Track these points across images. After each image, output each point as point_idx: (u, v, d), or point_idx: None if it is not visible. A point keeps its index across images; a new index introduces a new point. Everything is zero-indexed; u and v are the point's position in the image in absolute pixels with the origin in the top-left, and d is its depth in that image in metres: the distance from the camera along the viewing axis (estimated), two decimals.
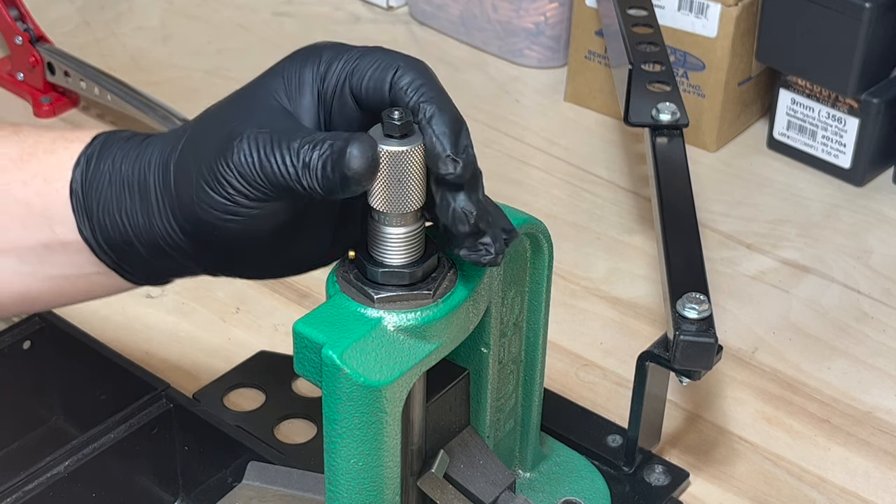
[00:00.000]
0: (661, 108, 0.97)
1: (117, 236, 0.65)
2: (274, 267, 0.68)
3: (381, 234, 0.62)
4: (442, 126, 0.60)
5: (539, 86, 1.20)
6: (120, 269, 0.66)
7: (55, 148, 0.66)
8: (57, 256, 0.66)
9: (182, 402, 0.81)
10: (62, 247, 0.66)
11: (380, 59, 0.62)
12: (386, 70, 0.62)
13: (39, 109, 1.15)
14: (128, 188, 0.64)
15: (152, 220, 0.64)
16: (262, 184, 0.60)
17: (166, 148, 0.64)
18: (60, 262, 0.66)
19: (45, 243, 0.66)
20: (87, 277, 0.67)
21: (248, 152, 0.60)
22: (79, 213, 0.65)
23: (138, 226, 0.64)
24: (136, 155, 0.65)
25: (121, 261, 0.66)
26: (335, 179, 0.59)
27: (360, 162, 0.59)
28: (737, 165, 1.12)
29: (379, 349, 0.61)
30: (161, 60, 1.23)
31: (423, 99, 0.61)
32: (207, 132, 0.63)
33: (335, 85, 0.63)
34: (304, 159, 0.60)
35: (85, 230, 0.65)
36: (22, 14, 1.16)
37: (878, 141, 1.08)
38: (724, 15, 1.08)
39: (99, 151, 0.65)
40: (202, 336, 0.93)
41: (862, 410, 0.89)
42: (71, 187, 0.65)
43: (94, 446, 0.77)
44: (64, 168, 0.65)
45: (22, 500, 0.74)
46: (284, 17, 1.30)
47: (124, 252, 0.65)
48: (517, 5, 1.20)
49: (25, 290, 0.67)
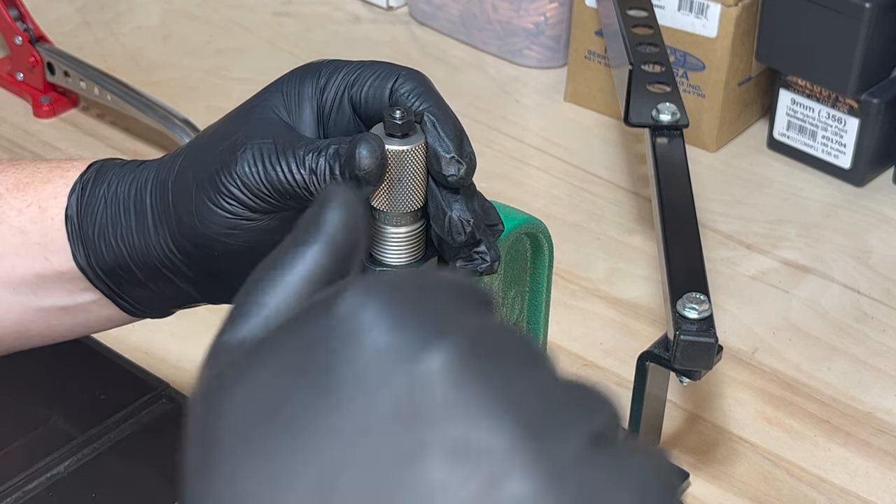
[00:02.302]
0: (661, 109, 0.97)
1: (112, 260, 0.64)
2: None
3: (381, 233, 0.62)
4: (446, 129, 0.61)
5: (539, 86, 1.20)
6: (116, 297, 0.65)
7: (51, 177, 0.66)
8: (51, 286, 0.65)
9: (182, 402, 0.81)
10: (56, 276, 0.65)
11: (380, 69, 0.63)
12: (387, 79, 0.62)
13: (39, 109, 1.15)
14: (123, 210, 0.64)
15: (148, 240, 0.63)
16: (268, 193, 0.60)
17: (163, 168, 0.64)
18: (55, 293, 0.66)
19: (38, 272, 0.65)
20: (83, 308, 0.66)
21: (252, 162, 0.60)
22: (74, 240, 0.64)
23: (134, 247, 0.63)
24: (132, 177, 0.64)
25: (118, 288, 0.65)
26: (345, 182, 0.59)
27: (369, 161, 0.58)
28: (737, 165, 1.12)
29: None
30: (161, 60, 1.23)
31: (426, 106, 0.61)
32: (207, 148, 0.62)
33: (334, 96, 0.63)
34: (310, 165, 0.60)
35: (80, 257, 0.64)
36: (22, 14, 1.16)
37: (879, 141, 1.08)
38: (724, 15, 1.08)
39: (95, 177, 0.65)
40: (202, 336, 0.93)
41: (862, 411, 0.89)
42: (66, 213, 0.64)
43: (94, 446, 0.77)
44: (60, 195, 0.65)
45: (22, 500, 0.74)
46: (284, 17, 1.30)
47: (120, 278, 0.64)
48: (517, 5, 1.20)
49: (19, 322, 0.67)
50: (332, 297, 0.40)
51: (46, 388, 0.86)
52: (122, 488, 0.79)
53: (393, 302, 0.39)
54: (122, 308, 0.66)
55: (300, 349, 0.39)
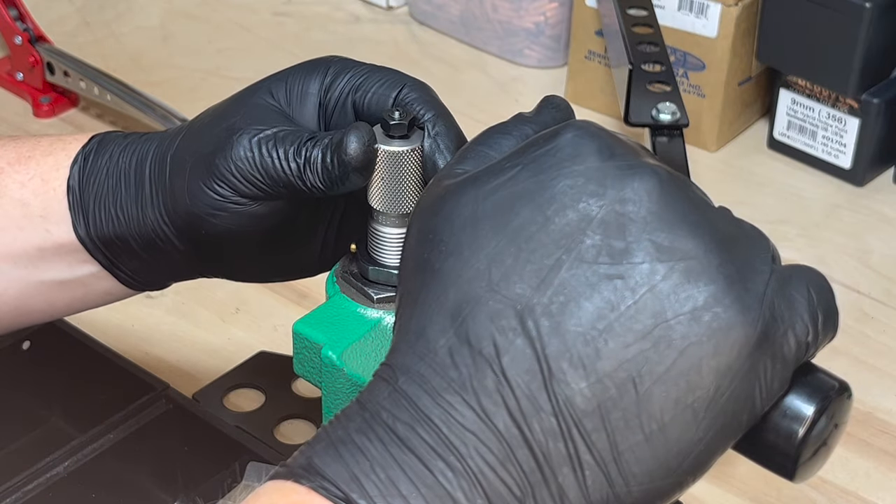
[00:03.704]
0: (662, 108, 0.97)
1: (110, 230, 0.64)
2: (267, 272, 0.68)
3: (380, 234, 0.62)
4: (447, 141, 0.61)
5: (539, 86, 1.20)
6: (114, 269, 0.66)
7: (53, 150, 0.66)
8: (51, 259, 0.66)
9: (182, 403, 0.81)
10: (56, 248, 0.66)
11: (387, 77, 0.63)
12: (392, 87, 0.62)
13: (39, 109, 1.15)
14: (124, 179, 0.64)
15: (145, 210, 0.64)
16: (260, 179, 0.60)
17: (164, 141, 0.64)
18: (55, 265, 0.66)
19: (39, 245, 0.66)
20: (82, 281, 0.67)
21: (248, 147, 0.61)
22: (74, 210, 0.65)
23: (130, 217, 0.64)
24: (133, 149, 0.65)
25: (115, 259, 0.66)
26: (334, 170, 0.59)
27: (356, 145, 0.58)
28: (737, 165, 1.12)
29: (379, 349, 0.61)
30: (161, 60, 1.22)
31: (429, 116, 0.61)
32: (207, 128, 0.63)
33: (339, 96, 0.63)
34: (306, 155, 0.60)
35: (80, 227, 0.65)
36: (21, 14, 1.16)
37: (879, 141, 1.08)
38: (725, 15, 1.08)
39: (97, 148, 0.66)
40: (202, 336, 0.93)
41: (862, 411, 0.89)
42: (68, 184, 0.65)
43: (94, 447, 0.77)
44: (61, 167, 0.65)
45: (21, 501, 0.74)
46: (284, 17, 1.29)
47: (118, 249, 0.65)
48: (517, 5, 1.20)
49: (19, 298, 0.67)
50: (555, 131, 0.49)
51: (46, 388, 0.86)
52: (122, 488, 0.79)
53: (606, 136, 0.49)
54: (120, 279, 0.67)
55: (526, 165, 0.48)
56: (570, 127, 0.50)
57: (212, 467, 0.81)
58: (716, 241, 0.47)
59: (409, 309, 0.49)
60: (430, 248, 0.49)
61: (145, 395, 0.80)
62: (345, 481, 0.46)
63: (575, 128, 0.49)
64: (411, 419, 0.46)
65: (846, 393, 0.51)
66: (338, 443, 0.47)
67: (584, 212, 0.47)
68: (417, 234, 0.50)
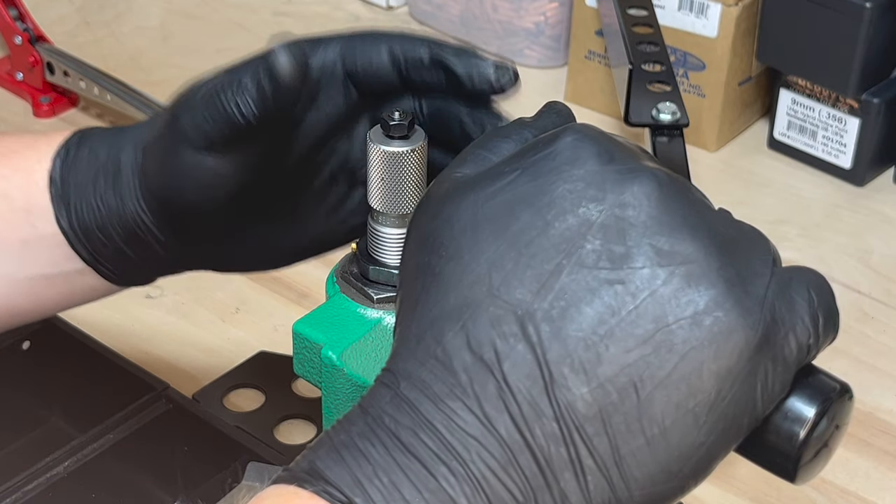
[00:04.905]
0: (662, 108, 0.97)
1: (92, 222, 0.65)
2: (254, 257, 0.68)
3: (380, 234, 0.62)
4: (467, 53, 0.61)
5: (539, 86, 1.20)
6: (97, 264, 0.66)
7: (37, 144, 0.67)
8: (35, 253, 0.66)
9: (182, 403, 0.81)
10: (40, 241, 0.66)
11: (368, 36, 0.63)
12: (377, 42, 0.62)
13: (39, 109, 1.15)
14: (103, 170, 0.65)
15: (124, 199, 0.64)
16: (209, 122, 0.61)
17: (144, 129, 0.65)
18: (39, 260, 0.66)
19: (24, 239, 0.66)
20: (67, 278, 0.67)
21: (200, 96, 0.61)
22: (56, 202, 0.65)
23: (110, 207, 0.64)
24: (113, 140, 0.66)
25: (97, 253, 0.66)
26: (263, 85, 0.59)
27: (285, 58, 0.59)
28: (737, 165, 1.12)
29: (379, 349, 0.61)
30: (161, 60, 1.22)
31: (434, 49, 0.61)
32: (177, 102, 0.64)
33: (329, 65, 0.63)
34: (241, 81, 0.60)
35: (62, 219, 0.65)
36: (21, 14, 1.16)
37: (879, 141, 1.08)
38: (725, 15, 1.08)
39: (79, 142, 0.66)
40: (202, 336, 0.93)
41: (862, 411, 0.89)
42: (51, 176, 0.65)
43: (94, 447, 0.77)
44: (44, 159, 0.66)
45: (21, 501, 0.74)
46: (284, 17, 1.29)
47: (100, 242, 0.65)
48: (517, 5, 1.20)
49: (6, 296, 0.67)
50: (554, 135, 0.49)
51: (46, 388, 0.86)
52: (122, 488, 0.79)
53: (605, 140, 0.48)
54: (103, 275, 0.67)
55: (526, 169, 0.48)
56: (568, 131, 0.49)
57: (212, 467, 0.81)
58: (716, 245, 0.47)
59: (410, 313, 0.48)
60: (430, 251, 0.49)
61: (145, 395, 0.80)
62: (348, 486, 0.46)
63: (574, 131, 0.49)
64: (413, 424, 0.46)
65: (847, 394, 0.51)
66: (341, 447, 0.47)
67: (583, 216, 0.47)
68: (417, 238, 0.50)
